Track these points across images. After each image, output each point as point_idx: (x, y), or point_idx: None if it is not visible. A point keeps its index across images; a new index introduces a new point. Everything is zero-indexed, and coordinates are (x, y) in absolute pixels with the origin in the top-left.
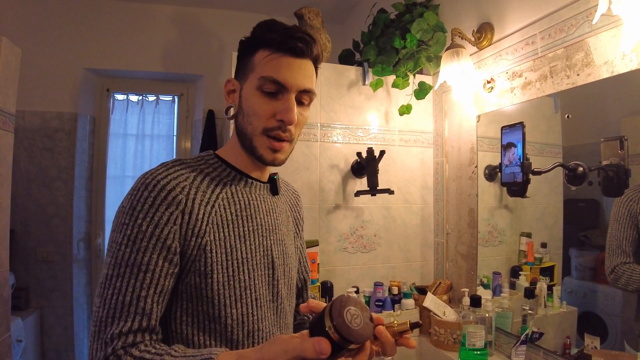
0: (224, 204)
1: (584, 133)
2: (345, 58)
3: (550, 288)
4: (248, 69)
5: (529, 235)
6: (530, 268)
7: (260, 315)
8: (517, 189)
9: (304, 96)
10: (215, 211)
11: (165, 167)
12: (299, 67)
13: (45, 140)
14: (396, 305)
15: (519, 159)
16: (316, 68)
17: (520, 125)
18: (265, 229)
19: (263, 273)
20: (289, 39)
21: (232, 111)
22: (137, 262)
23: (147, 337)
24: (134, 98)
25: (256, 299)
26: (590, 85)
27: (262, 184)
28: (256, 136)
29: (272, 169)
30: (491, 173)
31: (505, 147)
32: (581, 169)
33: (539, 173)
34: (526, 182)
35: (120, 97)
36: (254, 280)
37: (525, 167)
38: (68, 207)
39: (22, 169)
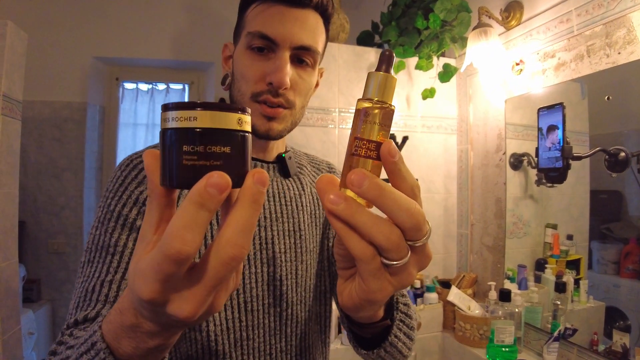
0: None
1: (613, 120)
2: (364, 40)
3: (576, 282)
4: (241, 27)
5: (554, 226)
6: (556, 261)
7: (251, 322)
8: (557, 175)
9: (305, 55)
10: None
11: (148, 147)
12: (295, 18)
13: (54, 131)
14: (419, 300)
15: (559, 143)
16: (326, 21)
17: (560, 106)
18: (266, 217)
19: (259, 271)
20: None
21: (228, 80)
22: (104, 245)
23: None
24: (143, 87)
25: (245, 302)
26: (623, 68)
27: (266, 164)
28: (245, 104)
29: (280, 147)
30: (516, 161)
31: (543, 130)
32: (623, 154)
33: (579, 158)
34: (566, 167)
35: (129, 86)
36: (244, 278)
37: (566, 151)
38: (78, 198)
39: (32, 159)
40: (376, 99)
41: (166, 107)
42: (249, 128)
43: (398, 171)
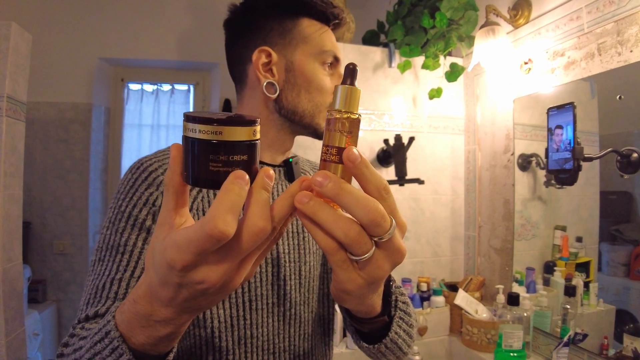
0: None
1: (624, 120)
2: (370, 40)
3: (586, 285)
4: (294, 39)
5: (563, 228)
6: (565, 263)
7: (255, 320)
8: (567, 176)
9: None
10: (203, 197)
11: (157, 151)
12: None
13: (60, 132)
14: (425, 303)
15: (569, 144)
16: None
17: (571, 106)
18: None
19: (263, 270)
20: (332, 9)
21: (279, 88)
22: (115, 244)
23: None
24: (148, 88)
25: (250, 301)
26: (635, 66)
27: (274, 167)
28: (322, 112)
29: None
30: (524, 162)
31: (553, 130)
32: (636, 155)
33: (590, 159)
34: (577, 168)
35: (134, 86)
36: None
37: (577, 152)
38: (83, 199)
39: (37, 160)
40: (343, 109)
41: (193, 119)
42: (259, 135)
43: (361, 174)
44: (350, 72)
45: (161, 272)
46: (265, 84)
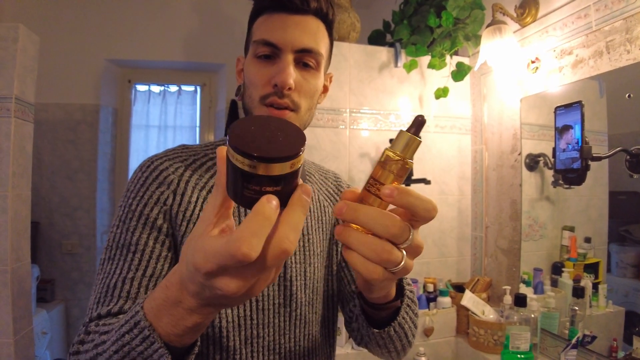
0: None
1: (633, 119)
2: (376, 39)
3: (595, 286)
4: (249, 41)
5: (571, 229)
6: (574, 264)
7: (262, 320)
8: (575, 176)
9: (307, 58)
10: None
11: (167, 150)
12: (296, 23)
13: (68, 133)
14: (432, 304)
15: (577, 143)
16: (328, 26)
17: (578, 104)
18: None
19: None
20: None
21: (241, 91)
22: (126, 243)
23: None
24: (155, 89)
25: (257, 301)
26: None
27: None
28: (255, 108)
29: None
30: (532, 162)
31: (560, 129)
32: None
33: (598, 159)
34: (585, 168)
35: (141, 88)
36: None
37: (585, 151)
38: (91, 200)
39: (45, 161)
40: (399, 153)
41: (233, 147)
42: (300, 164)
43: (407, 202)
44: (418, 124)
45: (190, 268)
46: (236, 88)
